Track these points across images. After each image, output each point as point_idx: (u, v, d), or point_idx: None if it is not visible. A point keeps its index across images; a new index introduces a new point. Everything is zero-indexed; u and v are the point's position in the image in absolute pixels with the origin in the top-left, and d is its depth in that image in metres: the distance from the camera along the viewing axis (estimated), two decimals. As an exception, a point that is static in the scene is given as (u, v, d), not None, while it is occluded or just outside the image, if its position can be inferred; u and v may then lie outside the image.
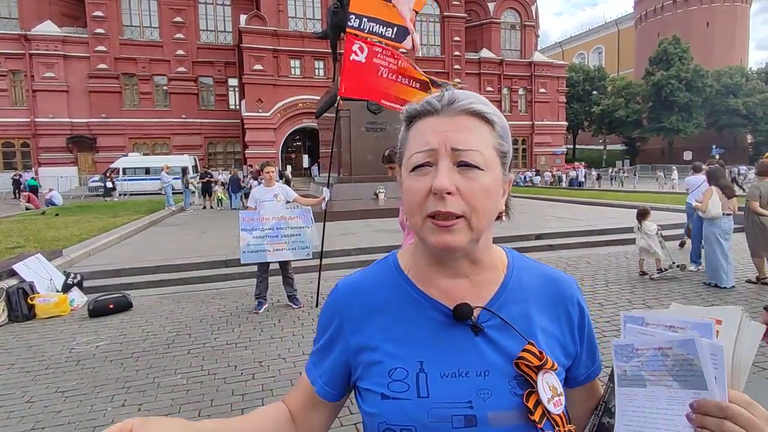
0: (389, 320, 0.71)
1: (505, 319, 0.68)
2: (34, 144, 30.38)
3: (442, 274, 0.70)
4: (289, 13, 31.60)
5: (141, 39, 32.10)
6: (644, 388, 0.57)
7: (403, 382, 0.66)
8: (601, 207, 14.16)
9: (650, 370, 0.56)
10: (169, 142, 33.07)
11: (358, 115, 12.41)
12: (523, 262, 0.77)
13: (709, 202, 5.85)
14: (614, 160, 47.27)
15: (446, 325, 0.69)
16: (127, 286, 6.51)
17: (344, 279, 0.78)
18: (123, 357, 4.19)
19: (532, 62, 39.76)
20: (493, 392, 0.65)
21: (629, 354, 0.59)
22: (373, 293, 0.73)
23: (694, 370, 0.52)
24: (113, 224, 11.81)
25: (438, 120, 0.65)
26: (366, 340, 0.71)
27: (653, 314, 0.59)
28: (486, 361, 0.66)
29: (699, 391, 0.52)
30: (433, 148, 0.63)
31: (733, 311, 0.56)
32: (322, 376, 0.75)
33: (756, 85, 45.91)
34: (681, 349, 0.53)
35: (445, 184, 0.61)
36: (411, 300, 0.71)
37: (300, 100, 31.11)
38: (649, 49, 50.09)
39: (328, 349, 0.75)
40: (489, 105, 0.67)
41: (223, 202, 18.60)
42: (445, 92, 0.67)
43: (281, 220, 5.44)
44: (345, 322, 0.73)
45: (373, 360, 0.69)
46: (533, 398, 0.63)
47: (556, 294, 0.74)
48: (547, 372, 0.65)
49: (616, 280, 6.35)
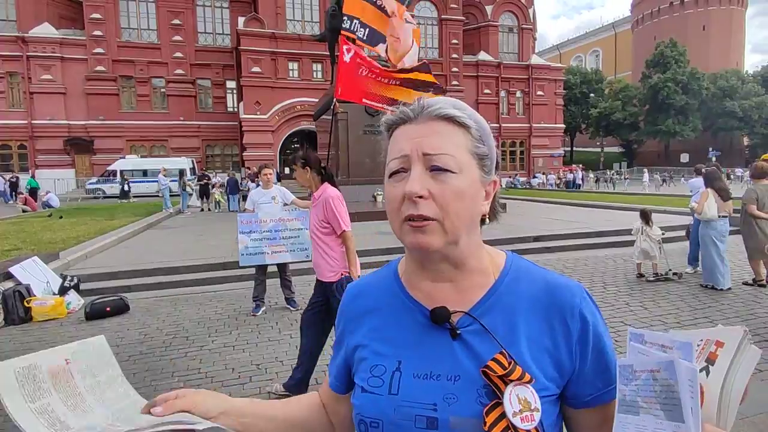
0: (380, 321, 0.75)
1: (484, 325, 0.67)
2: (32, 146, 30.30)
3: (425, 278, 0.72)
4: (288, 15, 31.64)
5: (139, 41, 32.09)
6: (637, 416, 0.53)
7: (379, 378, 0.69)
8: (598, 209, 14.20)
9: (644, 396, 0.52)
10: (166, 144, 33.04)
11: (355, 117, 12.42)
12: (523, 267, 0.74)
13: (705, 204, 5.88)
14: (611, 163, 47.42)
15: (426, 328, 0.70)
16: (124, 288, 6.49)
17: (354, 281, 0.85)
18: (120, 360, 4.12)
19: (530, 65, 39.89)
20: (459, 398, 0.64)
21: (629, 376, 0.54)
22: (371, 295, 0.78)
23: (674, 398, 0.48)
24: (110, 227, 11.78)
25: (411, 127, 0.67)
26: (360, 339, 0.75)
27: (653, 332, 0.54)
28: (459, 367, 0.66)
29: (678, 425, 0.48)
30: (405, 154, 0.65)
31: (735, 331, 0.52)
32: (333, 370, 0.82)
33: (752, 88, 46.19)
34: (666, 372, 0.49)
35: (415, 189, 0.63)
36: (399, 302, 0.74)
37: (298, 102, 31.14)
38: (646, 52, 50.36)
39: (338, 346, 0.81)
40: (463, 109, 0.68)
41: (221, 205, 18.58)
42: (420, 100, 0.69)
43: (279, 222, 5.44)
44: (347, 322, 0.79)
45: (362, 356, 0.74)
46: (497, 410, 0.61)
47: (551, 302, 0.69)
48: (520, 384, 0.62)
49: (613, 282, 6.37)
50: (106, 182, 27.76)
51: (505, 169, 39.45)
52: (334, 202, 3.21)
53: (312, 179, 3.40)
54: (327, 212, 3.20)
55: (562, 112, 42.87)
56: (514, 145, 40.48)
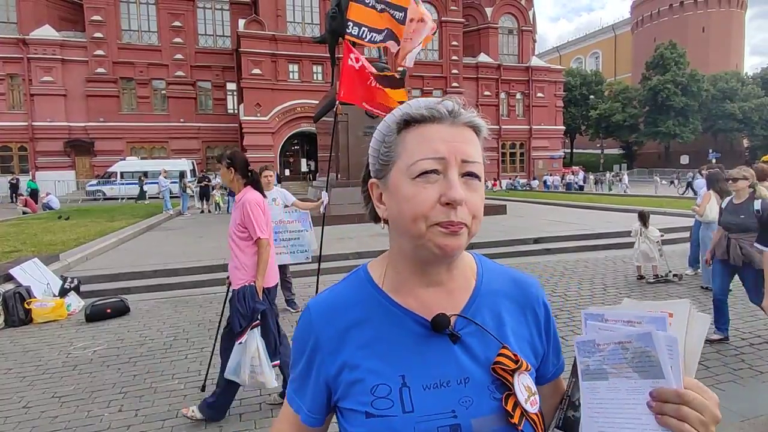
0: (368, 336, 0.69)
1: (480, 324, 0.70)
2: (32, 148, 30.31)
3: (419, 283, 0.71)
4: (288, 17, 31.68)
5: (139, 43, 32.13)
6: (607, 380, 0.60)
7: (387, 399, 0.65)
8: (599, 211, 14.20)
9: (612, 363, 0.59)
10: (167, 146, 33.03)
11: (355, 119, 12.42)
12: (490, 266, 0.79)
13: (707, 206, 5.87)
14: (611, 164, 47.43)
15: (425, 337, 0.69)
16: (125, 290, 6.49)
17: (314, 299, 0.76)
18: (120, 362, 4.17)
19: (530, 67, 39.93)
20: (474, 399, 0.66)
21: (591, 349, 0.62)
22: (348, 310, 0.71)
23: (651, 361, 0.56)
24: (111, 228, 11.78)
25: (445, 129, 0.66)
26: (346, 358, 0.69)
27: (611, 311, 0.62)
28: (465, 369, 0.67)
29: (657, 380, 0.56)
30: (443, 156, 0.64)
31: (681, 304, 0.59)
32: (305, 403, 0.73)
33: (752, 90, 46.23)
34: (639, 342, 0.56)
35: (462, 196, 0.63)
36: (388, 313, 0.70)
37: (298, 104, 31.15)
38: (646, 53, 50.43)
39: (307, 373, 0.73)
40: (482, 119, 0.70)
41: (220, 206, 18.59)
42: (445, 101, 0.67)
43: (280, 224, 5.44)
44: (322, 343, 0.71)
45: (355, 378, 0.68)
46: (511, 400, 0.65)
47: (523, 296, 0.77)
48: (522, 373, 0.67)
49: (613, 284, 6.36)
50: (106, 184, 27.78)
51: (505, 171, 39.46)
52: (251, 206, 3.03)
53: (236, 181, 3.17)
54: (244, 216, 3.04)
55: (562, 114, 42.87)
56: (514, 146, 40.49)
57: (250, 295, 3.01)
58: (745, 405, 3.09)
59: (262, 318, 3.08)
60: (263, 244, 3.05)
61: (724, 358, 3.88)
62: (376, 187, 0.72)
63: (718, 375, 3.58)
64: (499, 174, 38.60)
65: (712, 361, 3.82)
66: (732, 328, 4.55)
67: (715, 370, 3.67)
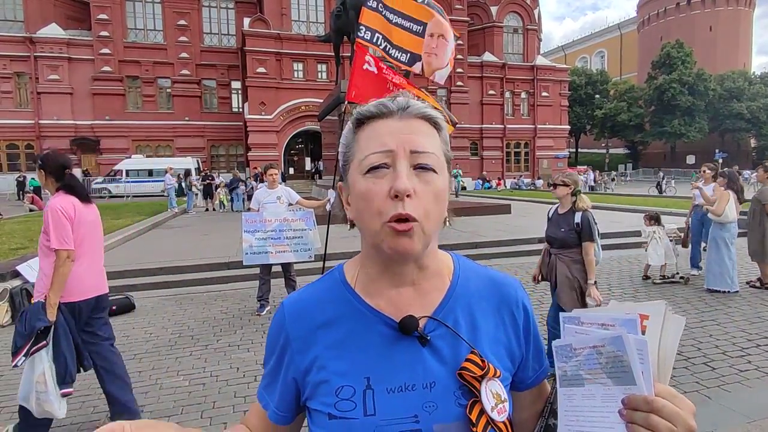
0: (336, 336, 0.69)
1: (451, 327, 0.68)
2: (38, 146, 30.48)
3: (389, 283, 0.69)
4: (293, 16, 31.70)
5: (145, 42, 32.26)
6: (582, 387, 0.58)
7: (350, 401, 0.64)
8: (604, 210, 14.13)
9: (587, 369, 0.57)
10: (172, 144, 33.18)
11: (360, 118, 12.43)
12: (469, 267, 0.76)
13: (726, 206, 5.72)
14: (617, 164, 47.19)
15: (393, 338, 0.67)
16: (130, 287, 6.53)
17: (290, 296, 0.76)
18: (125, 358, 4.17)
19: (535, 66, 39.75)
20: (438, 404, 0.64)
21: (568, 354, 0.59)
22: (319, 309, 0.71)
23: (624, 366, 0.53)
24: (116, 226, 11.85)
25: (394, 122, 0.65)
26: (314, 358, 0.68)
27: (588, 313, 0.60)
28: (432, 373, 0.65)
29: (629, 387, 0.53)
30: (390, 149, 0.63)
31: (657, 306, 0.57)
32: (273, 400, 0.73)
33: (759, 89, 45.81)
34: (612, 346, 0.54)
35: (407, 186, 0.60)
36: (358, 314, 0.69)
37: (303, 102, 31.18)
38: (652, 52, 50.09)
39: (277, 371, 0.73)
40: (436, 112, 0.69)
41: (224, 205, 18.65)
42: (396, 97, 0.67)
43: (284, 222, 5.45)
44: (291, 341, 0.70)
45: (321, 379, 0.67)
46: (477, 408, 0.63)
47: (500, 298, 0.74)
48: (491, 380, 0.65)
49: (619, 284, 6.34)
50: (111, 182, 27.93)
51: (510, 170, 39.33)
52: (52, 213, 2.68)
53: (50, 184, 2.83)
54: (45, 224, 2.71)
55: (567, 113, 42.68)
56: (518, 146, 40.35)
57: (34, 312, 2.63)
58: (751, 406, 3.07)
59: (54, 337, 2.68)
60: (61, 256, 2.66)
61: (730, 360, 3.85)
62: (344, 190, 0.72)
63: (723, 376, 3.56)
64: (504, 173, 38.51)
65: (717, 362, 3.80)
66: (738, 329, 4.53)
67: (721, 371, 3.65)
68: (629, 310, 0.57)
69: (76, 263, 2.77)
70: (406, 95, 0.68)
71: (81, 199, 2.86)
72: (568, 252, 3.59)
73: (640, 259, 7.36)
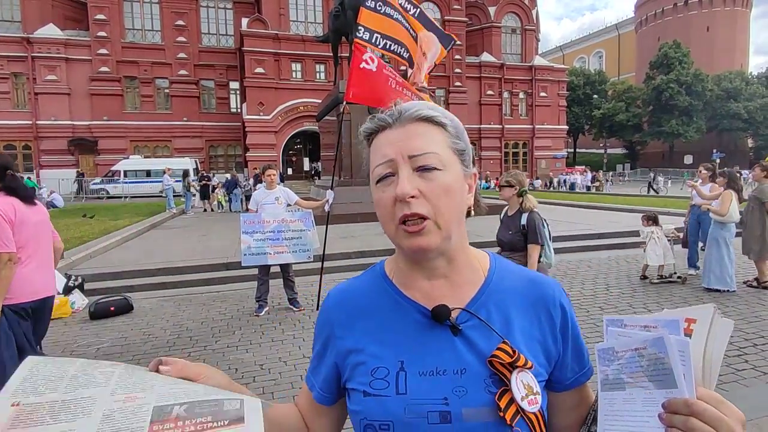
0: (374, 323, 0.74)
1: (483, 319, 0.71)
2: (36, 146, 30.45)
3: (421, 276, 0.73)
4: (291, 16, 31.70)
5: (143, 42, 32.20)
6: (623, 391, 0.57)
7: (383, 380, 0.68)
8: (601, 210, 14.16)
9: (629, 372, 0.56)
10: (170, 144, 33.12)
11: (358, 118, 12.41)
12: (506, 265, 0.79)
13: (730, 206, 5.70)
14: (615, 164, 47.27)
15: (426, 326, 0.71)
16: (128, 288, 6.52)
17: (335, 287, 0.82)
18: (124, 359, 4.19)
19: (533, 66, 39.82)
20: (468, 390, 0.66)
21: (611, 357, 0.59)
22: (360, 299, 0.77)
23: (665, 368, 0.52)
24: (114, 227, 11.83)
25: (392, 132, 0.69)
26: (353, 343, 0.74)
27: (632, 317, 0.60)
28: (463, 360, 0.68)
29: (671, 390, 0.52)
30: (390, 158, 0.67)
31: (706, 309, 0.56)
32: (318, 381, 0.79)
33: (756, 89, 45.97)
34: (653, 348, 0.53)
35: (406, 190, 0.64)
36: (394, 303, 0.74)
37: (301, 103, 31.18)
38: (650, 53, 50.21)
39: (323, 355, 0.78)
40: (437, 109, 0.71)
41: (223, 205, 18.63)
42: (395, 106, 0.71)
43: (282, 223, 5.45)
44: (335, 328, 0.77)
45: (358, 361, 0.72)
46: (506, 396, 0.65)
47: (536, 296, 0.75)
48: (522, 371, 0.66)
49: (616, 284, 6.35)
50: (109, 182, 27.88)
51: (508, 170, 39.32)
52: None
53: None
54: None
55: (565, 114, 42.77)
56: (516, 146, 40.41)
57: None
58: (748, 406, 3.08)
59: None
60: (2, 259, 2.53)
61: (727, 359, 3.86)
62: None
63: (720, 375, 3.57)
64: (502, 173, 38.50)
65: (715, 362, 3.81)
66: (735, 328, 4.53)
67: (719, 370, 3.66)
68: (677, 314, 0.56)
69: (23, 265, 2.69)
70: (398, 103, 0.71)
71: (23, 200, 2.77)
72: (517, 255, 3.46)
73: (638, 259, 7.38)
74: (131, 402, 0.51)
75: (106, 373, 0.55)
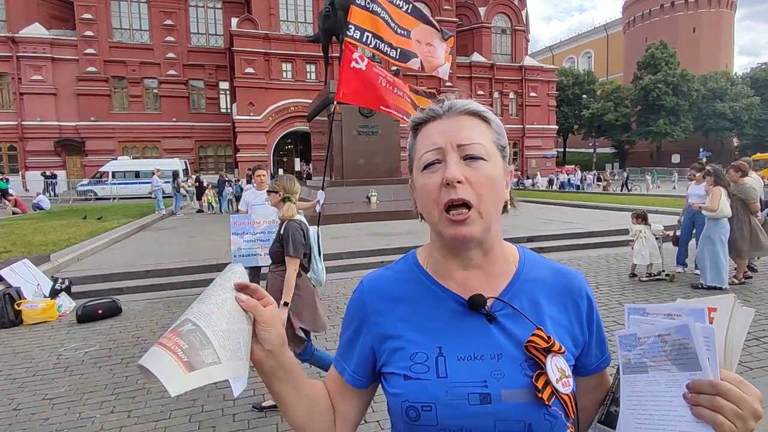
0: (410, 311, 0.77)
1: (516, 308, 0.74)
2: (22, 147, 29.98)
3: (457, 266, 0.76)
4: (281, 16, 31.56)
5: (131, 42, 31.86)
6: (646, 373, 0.61)
7: (423, 365, 0.72)
8: (591, 209, 14.29)
9: (651, 356, 0.60)
10: (159, 145, 32.81)
11: (349, 118, 12.41)
12: (534, 258, 0.83)
13: (720, 202, 5.71)
14: (604, 164, 47.73)
15: (462, 314, 0.74)
16: (117, 291, 6.44)
17: (369, 275, 0.85)
18: (112, 363, 4.13)
19: (523, 66, 40.08)
20: (505, 373, 0.70)
21: (632, 343, 0.63)
22: (395, 287, 0.80)
23: (689, 353, 0.56)
24: (102, 228, 11.68)
25: (441, 123, 0.74)
26: (389, 329, 0.77)
27: (653, 305, 0.63)
28: (499, 346, 0.72)
29: (694, 373, 0.56)
30: (440, 146, 0.72)
31: (726, 299, 0.59)
32: (350, 365, 0.81)
33: (741, 89, 46.69)
34: (678, 335, 0.57)
35: (455, 174, 0.68)
36: (430, 292, 0.77)
37: (292, 103, 31.06)
38: (638, 53, 50.81)
39: (355, 340, 0.81)
40: (483, 106, 0.77)
41: (213, 206, 18.53)
42: (445, 100, 0.77)
43: (273, 224, 5.39)
44: (369, 314, 0.79)
45: (397, 347, 0.75)
46: (542, 378, 0.68)
47: (564, 286, 0.79)
48: (555, 355, 0.70)
49: (606, 282, 6.41)
50: (97, 184, 27.53)
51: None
52: None
53: None
54: None
55: (555, 113, 43.10)
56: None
57: None
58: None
59: None
60: None
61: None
62: (412, 188, 0.80)
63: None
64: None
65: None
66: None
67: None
68: (700, 303, 0.59)
69: None
70: (449, 98, 0.77)
71: None
72: (279, 268, 3.17)
73: (627, 257, 7.45)
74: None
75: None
